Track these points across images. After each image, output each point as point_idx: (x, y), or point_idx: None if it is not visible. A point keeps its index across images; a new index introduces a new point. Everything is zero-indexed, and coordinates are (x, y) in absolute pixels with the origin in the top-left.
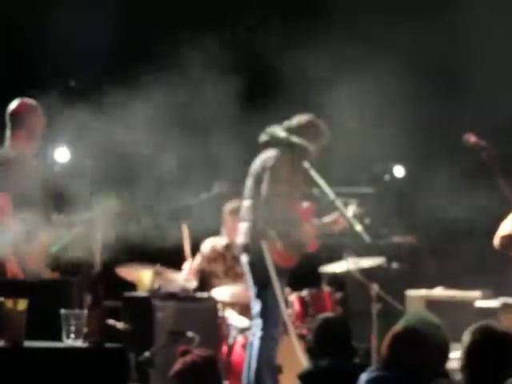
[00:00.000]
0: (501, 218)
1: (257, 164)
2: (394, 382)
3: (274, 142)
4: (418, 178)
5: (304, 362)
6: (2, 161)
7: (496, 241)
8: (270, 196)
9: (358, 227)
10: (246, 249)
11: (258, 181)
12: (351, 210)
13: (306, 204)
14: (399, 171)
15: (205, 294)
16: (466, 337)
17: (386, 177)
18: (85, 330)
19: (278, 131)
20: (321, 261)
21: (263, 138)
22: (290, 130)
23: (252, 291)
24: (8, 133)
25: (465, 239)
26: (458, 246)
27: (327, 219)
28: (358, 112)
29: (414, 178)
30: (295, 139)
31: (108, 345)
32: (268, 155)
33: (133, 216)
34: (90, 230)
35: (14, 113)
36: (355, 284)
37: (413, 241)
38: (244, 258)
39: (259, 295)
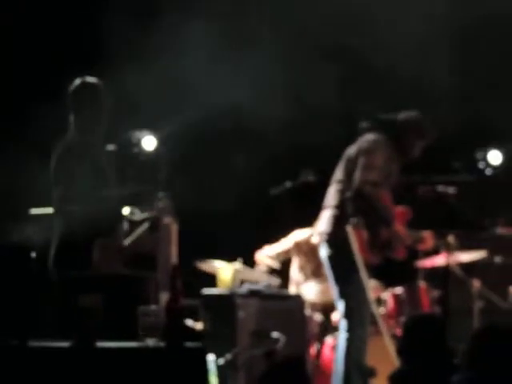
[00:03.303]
0: None
1: (352, 148)
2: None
3: (376, 127)
4: None
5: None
6: (68, 147)
7: None
8: (363, 183)
9: None
10: (327, 238)
11: (350, 165)
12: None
13: (402, 207)
14: (496, 157)
15: (291, 292)
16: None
17: (482, 164)
18: (162, 328)
19: (385, 118)
20: (417, 254)
21: (364, 124)
22: (396, 123)
23: (335, 289)
24: (71, 117)
25: None
26: None
27: (416, 233)
28: None
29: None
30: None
31: (187, 344)
32: (365, 139)
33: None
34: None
35: (76, 93)
36: (455, 280)
37: None
38: (324, 250)
39: (343, 293)
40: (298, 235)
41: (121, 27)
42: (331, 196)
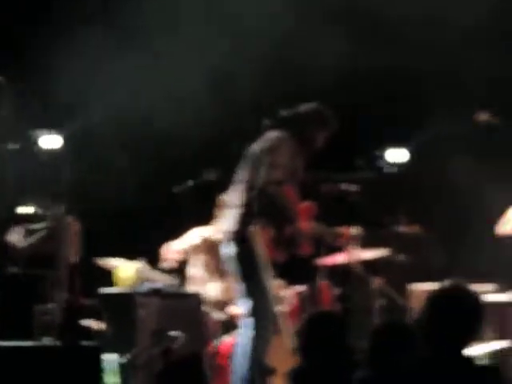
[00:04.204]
0: None
1: (255, 147)
2: (379, 381)
3: (278, 124)
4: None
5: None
6: None
7: (502, 228)
8: (267, 183)
9: None
10: (233, 236)
11: (254, 163)
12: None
13: (307, 203)
14: (403, 155)
15: (191, 291)
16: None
17: (380, 162)
18: (58, 326)
19: (286, 114)
20: (319, 252)
21: (267, 121)
22: (297, 117)
23: (240, 287)
24: None
25: (477, 228)
26: (469, 234)
27: (331, 229)
28: None
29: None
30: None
31: (82, 343)
32: (268, 137)
33: None
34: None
35: None
36: (356, 278)
37: (418, 230)
38: (229, 248)
39: (248, 291)
40: (199, 233)
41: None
42: (236, 195)
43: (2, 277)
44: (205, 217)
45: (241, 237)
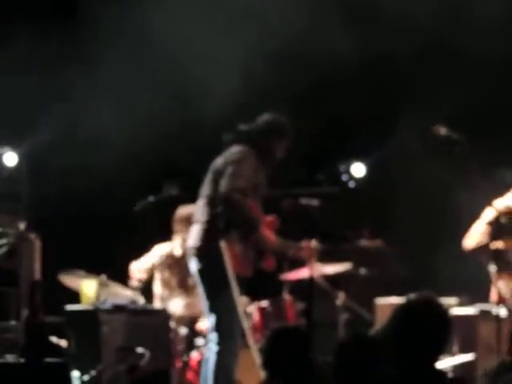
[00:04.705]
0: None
1: (218, 161)
2: None
3: (239, 139)
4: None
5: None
6: None
7: (467, 243)
8: (230, 191)
9: None
10: (198, 252)
11: (218, 177)
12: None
13: (269, 217)
14: (359, 169)
15: (156, 307)
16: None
17: (345, 176)
18: (22, 344)
19: (245, 128)
20: (282, 267)
21: (228, 136)
22: (255, 130)
23: (205, 302)
24: None
25: (436, 241)
26: (430, 248)
27: (292, 243)
28: None
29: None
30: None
31: (47, 360)
32: (232, 151)
33: None
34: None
35: None
36: (320, 292)
37: (381, 244)
38: (194, 264)
39: (213, 306)
40: (160, 249)
41: None
42: (200, 210)
43: None
44: (168, 232)
45: (204, 253)
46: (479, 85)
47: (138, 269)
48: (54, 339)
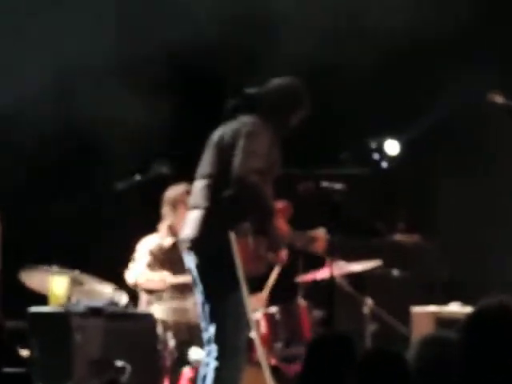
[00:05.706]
0: None
1: (221, 133)
2: None
3: (247, 106)
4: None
5: None
6: None
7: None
8: (246, 172)
9: None
10: (197, 245)
11: (223, 153)
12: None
13: (282, 203)
14: (394, 147)
15: (141, 310)
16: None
17: (376, 155)
18: None
19: (254, 92)
20: (297, 268)
21: (233, 102)
22: (268, 96)
23: (203, 306)
24: None
25: (490, 235)
26: (482, 244)
27: (305, 233)
28: None
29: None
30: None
31: (7, 370)
32: (242, 121)
33: None
34: None
35: None
36: (342, 297)
37: (419, 239)
38: (191, 259)
39: (215, 312)
40: (147, 244)
41: None
42: (199, 194)
43: None
44: (155, 219)
45: (205, 246)
46: None
47: (147, 279)
48: (15, 347)
